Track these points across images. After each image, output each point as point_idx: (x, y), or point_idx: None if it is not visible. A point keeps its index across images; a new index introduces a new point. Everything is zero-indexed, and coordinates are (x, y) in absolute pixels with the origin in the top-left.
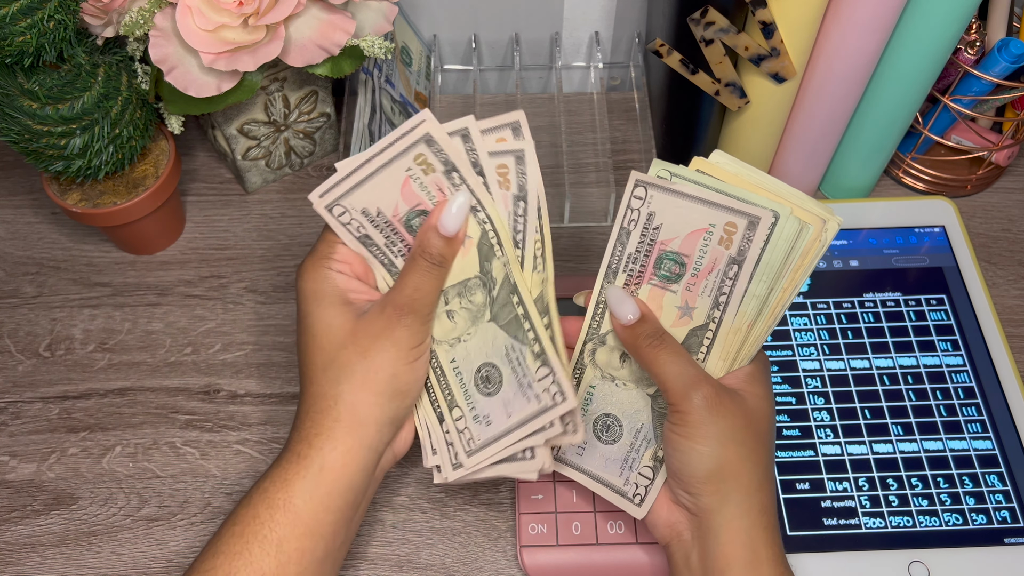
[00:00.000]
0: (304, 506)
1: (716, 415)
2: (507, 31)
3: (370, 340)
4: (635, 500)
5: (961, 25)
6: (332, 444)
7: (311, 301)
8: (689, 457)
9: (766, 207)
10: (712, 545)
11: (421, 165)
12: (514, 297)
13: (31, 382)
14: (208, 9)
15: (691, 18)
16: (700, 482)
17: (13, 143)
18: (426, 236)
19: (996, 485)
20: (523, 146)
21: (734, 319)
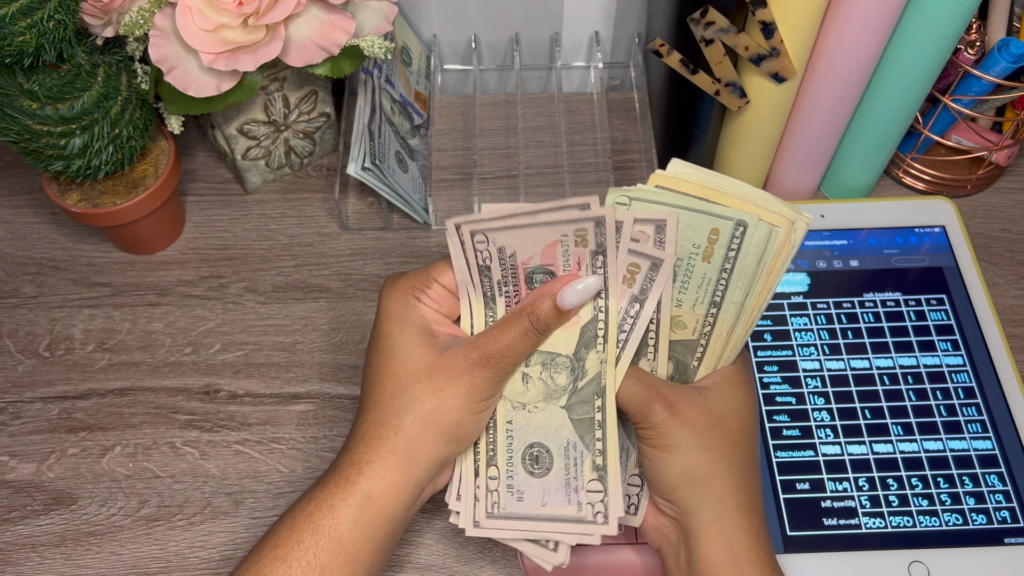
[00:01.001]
0: (348, 535)
1: (677, 424)
2: (507, 31)
3: (446, 380)
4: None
5: (961, 25)
6: (382, 475)
7: (395, 322)
8: (659, 465)
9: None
10: (694, 548)
11: (578, 236)
12: (598, 400)
13: (31, 382)
14: (208, 9)
15: (691, 18)
16: (672, 488)
17: (13, 143)
18: (541, 299)
19: (996, 485)
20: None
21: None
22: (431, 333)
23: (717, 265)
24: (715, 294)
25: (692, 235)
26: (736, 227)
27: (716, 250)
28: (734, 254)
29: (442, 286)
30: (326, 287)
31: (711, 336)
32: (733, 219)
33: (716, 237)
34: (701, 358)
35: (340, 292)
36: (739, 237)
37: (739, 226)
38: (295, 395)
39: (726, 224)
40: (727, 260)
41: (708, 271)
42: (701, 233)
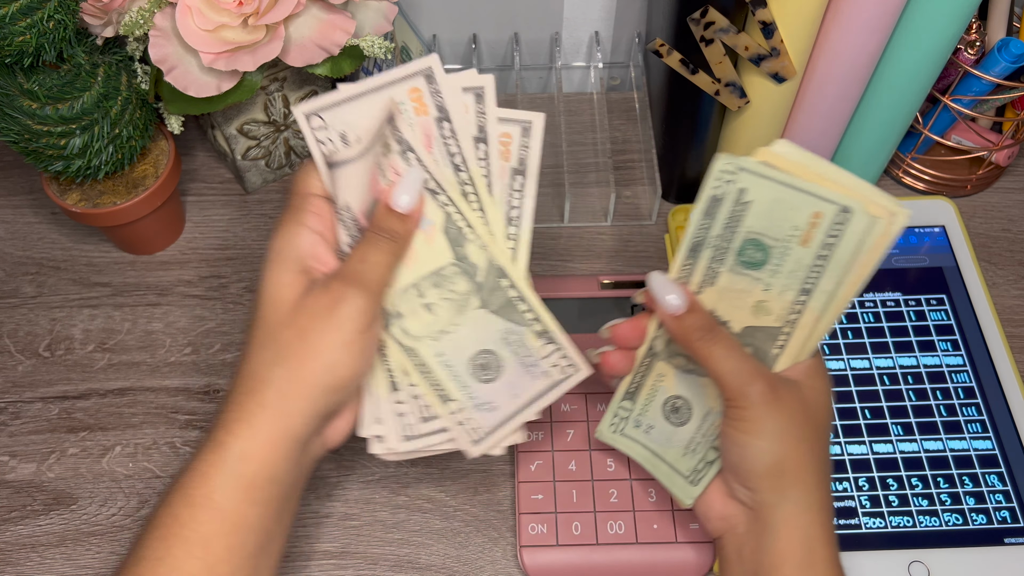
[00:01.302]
0: (226, 502)
1: (774, 409)
2: (507, 31)
3: (310, 319)
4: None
5: (961, 25)
6: (252, 432)
7: (271, 262)
8: (747, 452)
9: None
10: (768, 541)
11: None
12: (503, 280)
13: (31, 382)
14: (208, 9)
15: (691, 18)
16: (758, 477)
17: (13, 143)
18: (378, 212)
19: (996, 485)
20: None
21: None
22: (305, 270)
23: (813, 251)
24: (807, 280)
25: (793, 216)
26: (840, 212)
27: (815, 234)
28: (834, 240)
29: (319, 196)
30: None
31: (797, 324)
32: (838, 204)
33: (817, 221)
34: (783, 347)
35: None
36: (841, 223)
37: (843, 212)
38: None
39: (830, 208)
40: (825, 246)
41: (804, 256)
42: (802, 215)
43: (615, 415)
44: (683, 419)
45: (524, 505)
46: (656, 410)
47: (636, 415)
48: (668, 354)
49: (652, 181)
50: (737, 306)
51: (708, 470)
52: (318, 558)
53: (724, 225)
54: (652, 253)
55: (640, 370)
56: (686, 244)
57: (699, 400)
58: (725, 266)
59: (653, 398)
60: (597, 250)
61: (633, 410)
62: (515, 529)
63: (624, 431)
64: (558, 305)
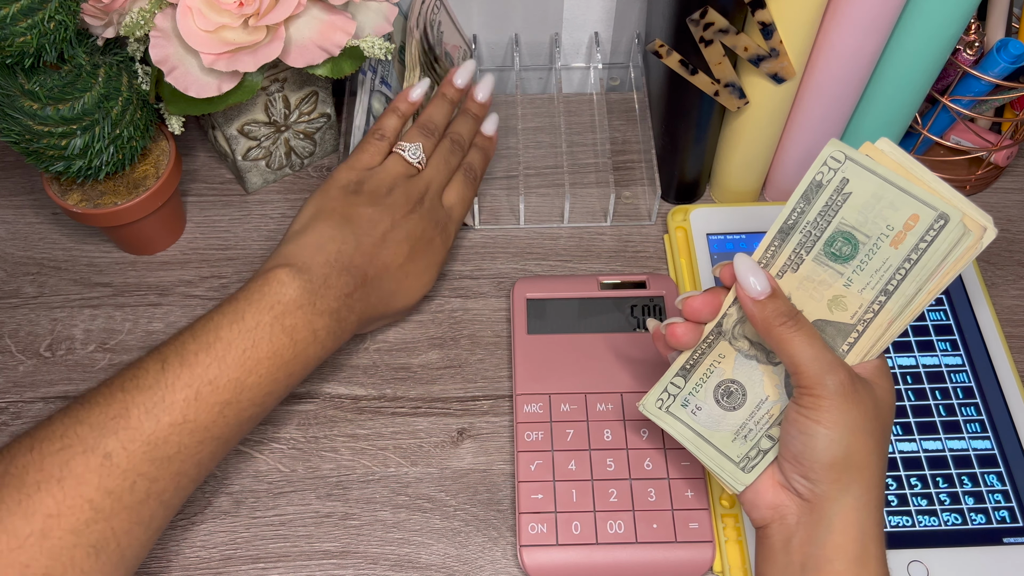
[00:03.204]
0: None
1: (850, 402)
2: (507, 32)
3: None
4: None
5: (960, 26)
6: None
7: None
8: (816, 442)
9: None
10: (821, 533)
11: None
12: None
13: (32, 382)
14: (208, 10)
15: (690, 19)
16: (823, 468)
17: (14, 144)
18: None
19: (995, 485)
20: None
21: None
22: None
23: (903, 254)
24: (890, 282)
25: (890, 215)
26: (937, 219)
27: (908, 237)
28: (925, 245)
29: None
30: None
31: (871, 324)
32: (937, 210)
33: (912, 224)
34: (853, 344)
35: None
36: (936, 230)
37: (941, 218)
38: (295, 395)
39: (928, 213)
40: (915, 250)
41: (892, 257)
42: (900, 215)
43: (664, 391)
44: (735, 404)
45: (524, 505)
46: (708, 392)
47: (686, 394)
48: (734, 335)
49: (652, 181)
50: (813, 297)
51: (761, 458)
52: (318, 558)
53: (819, 212)
54: (651, 253)
55: (702, 347)
56: (777, 225)
57: (754, 387)
58: (811, 254)
59: (707, 379)
60: (597, 250)
61: (684, 388)
62: (515, 529)
63: (670, 408)
64: (558, 305)
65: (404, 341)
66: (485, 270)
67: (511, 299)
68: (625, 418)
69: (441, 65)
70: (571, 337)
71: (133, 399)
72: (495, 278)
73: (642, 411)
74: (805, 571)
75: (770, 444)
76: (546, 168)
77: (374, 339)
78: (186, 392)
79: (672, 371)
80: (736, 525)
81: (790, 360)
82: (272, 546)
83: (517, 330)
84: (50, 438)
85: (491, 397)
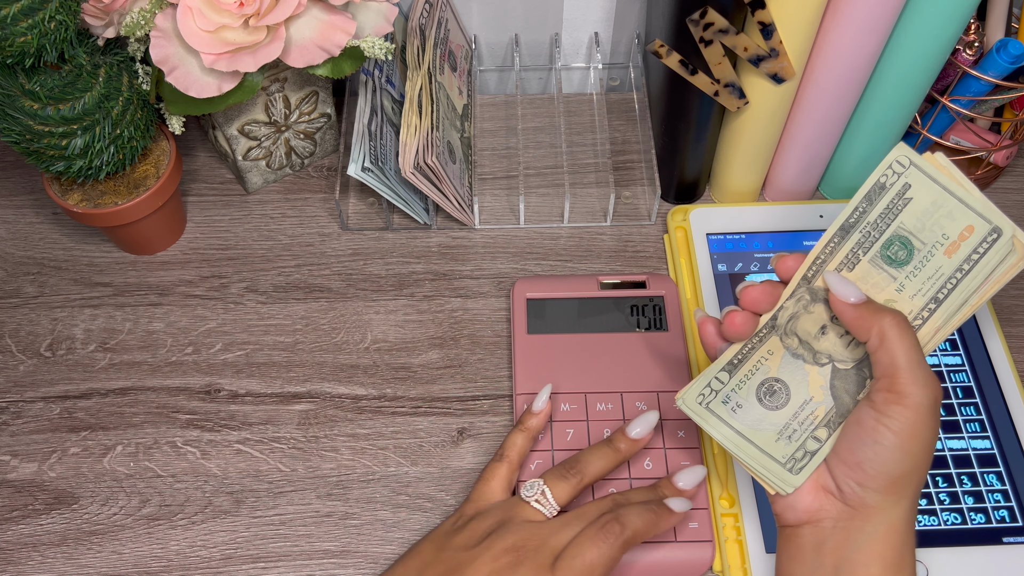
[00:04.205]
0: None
1: (933, 419)
2: (507, 32)
3: None
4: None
5: (960, 26)
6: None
7: None
8: (890, 454)
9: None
10: (862, 541)
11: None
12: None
13: (32, 382)
14: (209, 10)
15: (690, 19)
16: (886, 480)
17: (14, 144)
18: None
19: (995, 484)
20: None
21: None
22: None
23: (956, 264)
24: (940, 291)
25: (946, 224)
26: (991, 232)
27: (962, 248)
28: (977, 257)
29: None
30: (327, 287)
31: (919, 332)
32: (992, 223)
33: (968, 235)
34: None
35: (341, 292)
36: (989, 243)
37: (994, 232)
38: (296, 395)
39: (983, 225)
40: (967, 261)
41: (944, 266)
42: (956, 225)
43: (707, 385)
44: (778, 403)
45: None
46: (751, 389)
47: (728, 390)
48: (787, 331)
49: (651, 181)
50: None
51: (809, 460)
52: (318, 557)
53: (880, 215)
54: (651, 253)
55: (753, 341)
56: (838, 222)
57: (799, 387)
58: (868, 255)
59: (752, 376)
60: (596, 250)
61: (728, 384)
62: None
63: (710, 405)
64: (558, 305)
65: (404, 341)
66: (485, 270)
67: (511, 299)
68: (625, 418)
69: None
70: (571, 337)
71: None
72: (495, 278)
73: (680, 407)
74: (839, 573)
75: (816, 445)
76: (546, 168)
77: (374, 339)
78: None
79: (718, 365)
80: (736, 525)
81: (891, 361)
82: (272, 546)
83: (517, 330)
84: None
85: (491, 397)
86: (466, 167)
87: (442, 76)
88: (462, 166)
